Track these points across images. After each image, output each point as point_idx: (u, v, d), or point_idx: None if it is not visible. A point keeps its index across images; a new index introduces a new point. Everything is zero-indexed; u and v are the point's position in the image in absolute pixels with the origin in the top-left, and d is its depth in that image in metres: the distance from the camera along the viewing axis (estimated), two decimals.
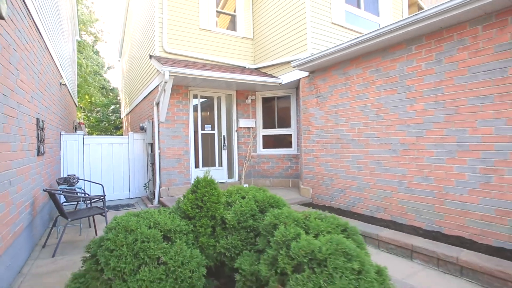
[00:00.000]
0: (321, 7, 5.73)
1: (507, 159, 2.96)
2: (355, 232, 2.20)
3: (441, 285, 2.64)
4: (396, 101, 3.99)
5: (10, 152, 2.62)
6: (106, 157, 6.37)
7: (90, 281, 1.98)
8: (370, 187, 4.36)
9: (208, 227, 2.49)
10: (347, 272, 1.72)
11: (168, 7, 6.12)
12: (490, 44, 3.08)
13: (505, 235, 2.97)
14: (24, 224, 3.05)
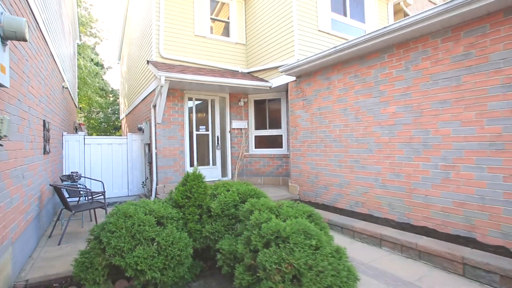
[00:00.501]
0: (308, 16, 6.14)
1: (462, 156, 3.36)
2: (319, 217, 2.60)
3: (401, 266, 3.03)
4: (371, 104, 4.39)
5: (23, 150, 3.01)
6: (106, 156, 6.76)
7: (94, 256, 2.37)
8: (350, 184, 4.75)
9: (196, 214, 2.89)
10: (305, 247, 2.11)
11: (165, 15, 6.52)
12: (447, 55, 3.48)
13: (460, 224, 3.37)
14: (33, 215, 3.44)
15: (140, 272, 2.34)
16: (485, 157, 3.17)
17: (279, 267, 2.02)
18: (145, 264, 2.33)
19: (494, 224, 3.09)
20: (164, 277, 2.41)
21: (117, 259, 2.33)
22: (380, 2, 7.52)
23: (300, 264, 2.00)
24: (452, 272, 2.87)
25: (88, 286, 2.35)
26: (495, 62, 3.08)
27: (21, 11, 2.93)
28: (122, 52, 12.18)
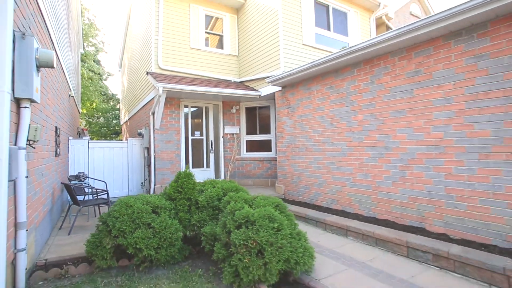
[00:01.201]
0: (293, 31, 6.81)
1: (414, 158, 3.97)
2: (284, 207, 3.21)
3: (359, 251, 3.62)
4: (344, 112, 5.02)
5: (42, 152, 3.64)
6: (108, 159, 7.39)
7: (102, 237, 2.98)
8: (327, 183, 5.36)
9: (185, 206, 3.50)
10: (269, 229, 2.72)
11: (163, 29, 7.20)
12: (403, 71, 4.12)
13: (414, 216, 3.96)
14: (48, 208, 4.05)
15: (138, 250, 2.95)
16: (431, 159, 3.78)
17: (246, 243, 2.62)
18: (143, 243, 2.93)
19: (438, 215, 3.69)
20: (158, 255, 3.01)
21: (120, 239, 2.94)
22: (363, 17, 8.20)
23: (262, 241, 2.61)
24: (399, 254, 3.46)
25: (98, 261, 2.95)
26: (437, 79, 3.72)
27: (42, 37, 3.58)
28: (123, 60, 12.89)
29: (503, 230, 3.13)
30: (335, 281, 2.83)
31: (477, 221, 3.34)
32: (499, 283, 2.62)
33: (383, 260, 3.33)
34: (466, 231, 3.43)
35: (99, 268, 3.06)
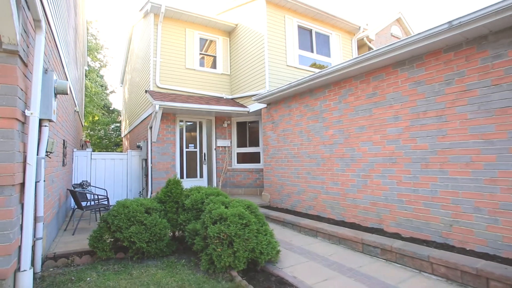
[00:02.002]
0: (277, 53, 7.63)
1: (373, 168, 4.63)
2: (256, 208, 3.86)
3: (323, 248, 4.23)
4: (318, 128, 5.72)
5: (53, 162, 4.33)
6: (109, 169, 8.08)
7: (103, 232, 3.63)
8: (305, 191, 6.00)
9: (174, 208, 4.16)
10: (238, 224, 3.36)
11: (161, 51, 8.05)
12: (363, 93, 4.85)
13: (374, 218, 4.59)
14: (55, 211, 4.71)
15: (132, 243, 3.59)
16: (386, 168, 4.45)
17: (219, 235, 3.27)
18: (136, 237, 3.58)
19: (393, 217, 4.33)
20: (149, 247, 3.65)
21: (118, 234, 3.59)
22: (344, 39, 9.05)
23: (232, 234, 3.25)
24: (356, 250, 4.06)
25: (99, 252, 3.59)
26: (389, 100, 4.43)
27: (57, 67, 4.35)
28: (124, 77, 13.80)
29: (439, 227, 3.76)
30: (294, 270, 3.45)
31: (421, 221, 3.98)
32: (426, 269, 3.23)
33: (341, 255, 3.94)
34: (414, 230, 4.05)
35: (99, 258, 3.69)
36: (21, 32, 2.28)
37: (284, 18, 7.81)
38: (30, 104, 2.62)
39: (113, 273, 3.32)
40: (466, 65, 3.58)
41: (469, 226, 3.50)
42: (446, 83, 3.76)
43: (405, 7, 49.86)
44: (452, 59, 3.71)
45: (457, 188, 3.62)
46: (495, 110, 3.30)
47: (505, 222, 3.19)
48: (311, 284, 3.05)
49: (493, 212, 3.29)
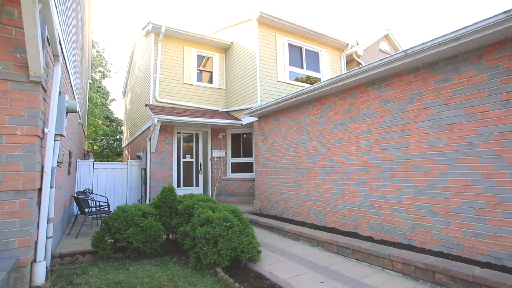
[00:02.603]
0: (268, 70, 8.26)
1: (350, 177, 5.15)
2: (240, 212, 4.38)
3: (302, 250, 4.70)
4: (303, 140, 6.27)
5: (61, 171, 4.89)
6: (110, 178, 8.62)
7: (104, 233, 4.15)
8: (292, 199, 6.50)
9: (168, 212, 4.68)
10: (222, 226, 3.88)
11: (160, 68, 8.71)
12: (341, 109, 5.41)
13: (351, 223, 5.08)
14: (61, 216, 5.24)
15: (130, 243, 4.10)
16: (361, 177, 4.96)
17: (205, 236, 3.77)
18: (134, 238, 4.09)
19: (366, 222, 4.81)
20: (144, 247, 4.16)
21: (117, 235, 4.11)
22: (334, 55, 9.70)
23: (217, 234, 3.76)
24: (331, 251, 4.54)
25: (100, 251, 4.10)
26: (362, 115, 4.99)
27: (67, 87, 4.96)
28: (126, 89, 14.51)
29: (404, 230, 4.25)
30: (272, 267, 3.93)
31: (390, 225, 4.47)
32: (387, 266, 3.71)
33: (317, 255, 4.42)
34: (384, 233, 4.54)
35: (100, 257, 4.20)
36: (43, 66, 2.87)
37: (275, 37, 8.49)
38: (48, 123, 3.20)
39: (113, 268, 3.82)
40: (423, 86, 4.14)
41: (428, 228, 3.99)
42: (408, 101, 4.32)
43: (395, 22, 51.61)
44: (413, 81, 4.28)
45: (418, 194, 4.12)
46: (446, 126, 3.85)
47: (455, 224, 3.69)
48: (284, 279, 3.54)
49: (446, 216, 3.79)
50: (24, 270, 2.74)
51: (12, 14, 2.78)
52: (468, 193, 3.60)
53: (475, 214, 3.52)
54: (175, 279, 3.50)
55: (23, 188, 2.75)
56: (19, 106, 2.77)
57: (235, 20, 9.00)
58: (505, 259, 3.23)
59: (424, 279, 3.32)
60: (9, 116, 2.73)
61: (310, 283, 3.39)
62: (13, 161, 2.71)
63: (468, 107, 3.64)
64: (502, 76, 3.37)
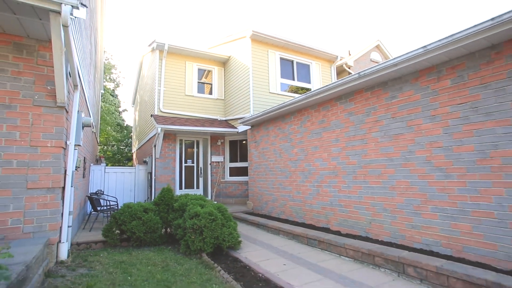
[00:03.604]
0: (261, 83, 9.17)
1: (323, 179, 5.96)
2: (224, 209, 5.27)
3: (279, 242, 5.53)
4: (287, 146, 7.12)
5: (77, 174, 5.92)
6: (120, 181, 9.69)
7: (112, 225, 5.13)
8: (278, 199, 7.34)
9: (165, 209, 5.63)
10: (208, 219, 4.78)
11: (164, 81, 9.76)
12: (316, 119, 6.25)
13: (324, 220, 5.88)
14: (77, 212, 6.26)
15: (133, 233, 5.05)
16: (331, 179, 5.77)
17: (193, 227, 4.68)
18: (136, 229, 5.04)
19: (336, 218, 5.61)
20: (145, 237, 5.10)
21: (123, 226, 5.07)
22: (324, 67, 10.52)
23: (202, 225, 4.66)
24: (303, 243, 5.35)
25: (109, 240, 5.07)
26: (332, 126, 5.82)
27: (83, 104, 6.01)
28: (136, 98, 15.71)
29: (364, 225, 5.03)
30: (248, 254, 4.79)
31: (353, 221, 5.25)
32: (343, 253, 4.51)
33: (290, 246, 5.25)
34: (349, 228, 5.32)
35: (109, 245, 5.16)
36: (66, 94, 3.87)
37: (267, 52, 9.40)
38: (69, 136, 4.19)
39: (118, 253, 4.78)
40: (377, 101, 4.95)
41: (380, 222, 4.76)
42: (366, 115, 5.13)
43: (390, 31, 52.08)
44: (369, 97, 5.10)
45: (374, 194, 4.91)
46: (393, 135, 4.64)
47: (400, 218, 4.46)
48: (255, 262, 4.39)
49: (393, 211, 4.57)
50: (53, 247, 3.71)
51: (44, 57, 3.80)
52: (408, 192, 4.38)
53: (413, 209, 4.29)
54: (167, 260, 4.41)
55: (52, 186, 3.74)
56: (49, 125, 3.77)
57: (232, 37, 9.98)
58: (432, 245, 3.99)
59: (368, 262, 4.11)
60: (42, 133, 3.73)
61: (274, 265, 4.23)
62: (45, 166, 3.71)
63: (408, 120, 4.44)
64: (430, 96, 4.16)
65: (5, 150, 3.53)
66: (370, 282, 3.53)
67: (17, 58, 3.67)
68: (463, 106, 3.80)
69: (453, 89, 3.91)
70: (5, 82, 3.58)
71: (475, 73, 3.70)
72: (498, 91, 3.48)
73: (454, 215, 3.82)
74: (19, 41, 3.69)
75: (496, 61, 3.53)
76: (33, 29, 3.56)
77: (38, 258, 3.06)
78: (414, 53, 4.01)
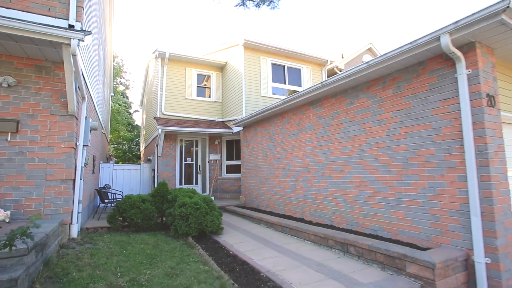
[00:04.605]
0: (253, 87, 10.04)
1: (299, 175, 6.79)
2: (210, 200, 6.21)
3: (258, 230, 6.42)
4: (271, 146, 7.98)
5: (87, 170, 6.98)
6: (126, 177, 10.80)
7: (115, 213, 6.16)
8: (264, 194, 8.22)
9: (160, 200, 6.62)
10: (193, 208, 5.74)
11: (166, 86, 10.78)
12: (294, 122, 7.07)
13: (299, 211, 6.72)
14: (87, 203, 7.35)
15: (132, 220, 6.07)
16: (305, 175, 6.60)
17: (180, 214, 5.64)
18: (135, 216, 6.05)
19: (309, 210, 6.45)
20: (142, 223, 6.10)
21: (124, 214, 6.09)
22: (315, 70, 11.28)
23: (188, 213, 5.61)
24: (278, 231, 6.22)
25: (112, 225, 6.11)
26: (306, 128, 6.64)
27: (91, 110, 7.07)
28: (143, 100, 16.90)
29: (329, 215, 5.85)
30: (228, 238, 5.71)
31: (321, 211, 6.08)
32: (307, 238, 5.35)
33: (266, 233, 6.13)
34: (318, 217, 6.15)
35: (113, 229, 6.19)
36: (76, 105, 4.88)
37: (259, 59, 10.25)
38: (79, 138, 5.22)
39: (119, 235, 5.80)
40: (340, 107, 5.75)
41: (341, 212, 5.57)
42: (331, 118, 5.93)
43: (384, 33, 51.80)
44: (334, 103, 5.89)
45: (337, 188, 5.72)
46: (351, 137, 5.43)
47: (356, 208, 5.26)
48: (231, 243, 5.30)
49: (351, 202, 5.37)
50: (66, 227, 4.74)
51: (59, 76, 4.82)
52: (362, 185, 5.17)
53: (365, 200, 5.08)
54: (158, 241, 5.39)
55: (65, 178, 4.76)
56: (62, 130, 4.79)
57: (227, 45, 10.89)
58: (378, 230, 4.78)
59: (324, 245, 4.94)
60: (57, 136, 4.75)
61: (246, 246, 5.13)
62: (60, 162, 4.73)
63: (362, 124, 5.22)
64: (378, 103, 4.94)
65: (30, 150, 4.57)
66: (318, 258, 4.37)
67: (38, 77, 4.70)
68: (400, 112, 4.57)
69: (394, 97, 4.68)
70: (29, 97, 4.62)
71: (408, 85, 4.47)
72: (423, 100, 4.24)
73: (393, 204, 4.60)
74: (39, 64, 4.73)
75: (421, 75, 4.28)
76: (50, 55, 4.58)
77: (54, 232, 4.08)
78: (361, 67, 4.80)
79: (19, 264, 2.86)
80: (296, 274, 3.75)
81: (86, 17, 5.42)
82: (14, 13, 4.30)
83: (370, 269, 3.92)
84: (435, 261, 3.29)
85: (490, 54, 3.88)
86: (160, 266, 4.01)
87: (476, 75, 3.66)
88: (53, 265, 3.55)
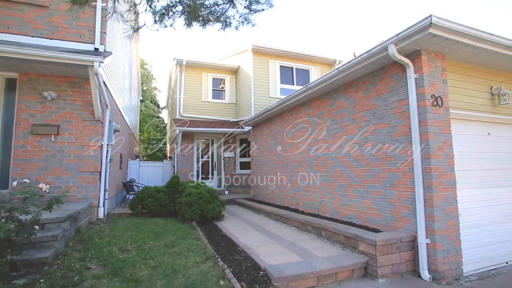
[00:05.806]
0: (261, 88, 10.94)
1: (295, 170, 7.60)
2: (213, 191, 7.29)
3: (255, 218, 7.34)
4: (274, 144, 8.85)
5: (115, 165, 8.40)
6: (151, 173, 12.29)
7: (135, 201, 7.48)
8: (268, 188, 9.11)
9: (173, 191, 7.83)
10: (197, 197, 6.85)
11: (184, 90, 12.07)
12: (291, 122, 7.88)
13: (295, 203, 7.54)
14: (114, 193, 8.78)
15: (148, 207, 7.33)
16: (299, 170, 7.40)
17: (186, 202, 6.76)
18: (152, 204, 7.30)
19: (302, 201, 7.25)
20: (157, 210, 7.34)
21: (142, 202, 7.37)
22: (324, 71, 11.87)
23: (192, 201, 6.72)
24: (272, 219, 7.09)
25: (133, 211, 7.42)
26: (300, 127, 7.42)
27: (116, 113, 8.47)
28: (168, 103, 18.54)
29: (317, 205, 6.62)
30: (226, 223, 6.72)
31: (311, 202, 6.85)
32: (293, 224, 6.18)
33: (261, 220, 7.04)
34: (309, 208, 6.93)
35: (133, 215, 7.50)
36: (100, 111, 6.18)
37: (267, 62, 11.11)
38: (104, 139, 6.54)
39: (137, 219, 7.07)
40: (324, 107, 6.47)
41: (325, 203, 6.31)
42: (318, 117, 6.68)
43: None
44: (320, 104, 6.63)
45: (322, 180, 6.46)
46: (333, 134, 6.15)
47: (336, 199, 5.99)
48: (226, 227, 6.30)
49: (332, 194, 6.10)
50: (94, 209, 6.08)
51: (87, 89, 6.15)
52: (340, 178, 5.88)
53: (343, 192, 5.80)
54: (167, 224, 6.56)
55: (93, 170, 6.09)
56: (91, 132, 6.11)
57: (237, 50, 11.90)
58: (353, 218, 5.49)
59: (305, 230, 5.75)
60: (87, 137, 6.09)
61: (238, 229, 6.09)
62: (89, 158, 6.06)
63: (341, 122, 5.93)
64: (352, 104, 5.62)
65: (68, 148, 5.95)
66: (292, 239, 5.21)
67: (72, 91, 6.07)
68: (368, 112, 5.23)
69: (364, 99, 5.35)
70: (66, 106, 6.00)
71: (374, 87, 5.12)
72: (385, 101, 4.88)
73: (363, 194, 5.28)
74: (73, 80, 6.09)
75: (384, 78, 4.93)
76: (80, 73, 5.91)
77: (85, 211, 5.38)
78: (332, 73, 5.53)
79: (58, 228, 4.10)
80: (267, 249, 4.64)
81: (109, 39, 6.74)
82: (56, 42, 5.71)
83: (333, 248, 4.69)
84: (376, 240, 4.00)
85: (439, 59, 4.44)
86: (162, 240, 5.13)
87: (421, 79, 4.27)
88: (82, 234, 4.82)
